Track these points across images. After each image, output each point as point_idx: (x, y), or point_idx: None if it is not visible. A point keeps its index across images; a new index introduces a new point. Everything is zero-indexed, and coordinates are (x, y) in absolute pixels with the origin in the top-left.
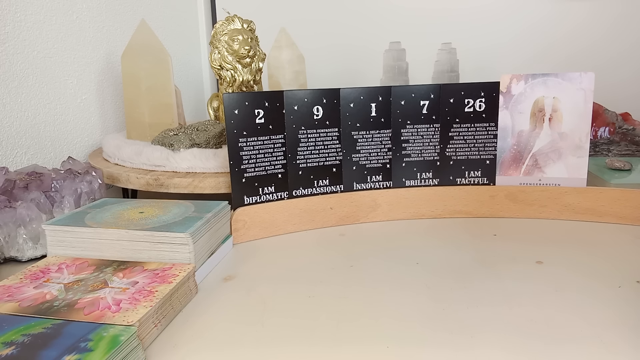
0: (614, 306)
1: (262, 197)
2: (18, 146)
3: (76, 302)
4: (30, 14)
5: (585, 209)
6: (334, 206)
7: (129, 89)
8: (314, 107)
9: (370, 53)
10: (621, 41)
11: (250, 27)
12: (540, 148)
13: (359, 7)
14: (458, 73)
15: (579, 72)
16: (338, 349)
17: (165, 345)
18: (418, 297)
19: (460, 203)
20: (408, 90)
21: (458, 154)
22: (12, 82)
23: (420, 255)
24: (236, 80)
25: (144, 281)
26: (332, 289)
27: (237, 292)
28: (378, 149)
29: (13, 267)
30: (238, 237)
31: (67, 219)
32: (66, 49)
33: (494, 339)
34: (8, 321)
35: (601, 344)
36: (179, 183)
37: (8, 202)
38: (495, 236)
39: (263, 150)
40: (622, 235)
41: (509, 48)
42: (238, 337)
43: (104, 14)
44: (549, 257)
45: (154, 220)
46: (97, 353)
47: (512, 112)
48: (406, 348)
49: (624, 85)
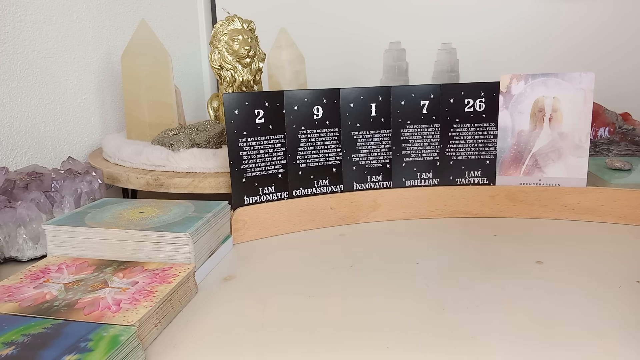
0: (614, 306)
1: (262, 197)
2: (18, 146)
3: (76, 302)
4: (30, 14)
5: (585, 209)
6: (334, 206)
7: (129, 89)
8: (314, 107)
9: (370, 52)
10: (618, 35)
11: (250, 27)
12: (540, 148)
13: (359, 7)
14: (458, 73)
15: (578, 72)
16: (338, 349)
17: (165, 345)
18: (418, 297)
19: (460, 203)
20: (408, 90)
21: (458, 154)
22: (12, 82)
23: (420, 255)
24: (236, 80)
25: (144, 281)
26: (332, 289)
27: (237, 292)
28: (378, 149)
29: (13, 267)
30: (238, 237)
31: (67, 219)
32: (66, 49)
33: (494, 339)
34: (8, 321)
35: (601, 344)
36: (179, 183)
37: (8, 202)
38: (495, 236)
39: (263, 150)
40: (622, 235)
41: (506, 42)
42: (238, 337)
43: (104, 14)
44: (549, 257)
45: (154, 220)
46: (97, 353)
47: (512, 112)
48: (406, 348)
49: (623, 82)
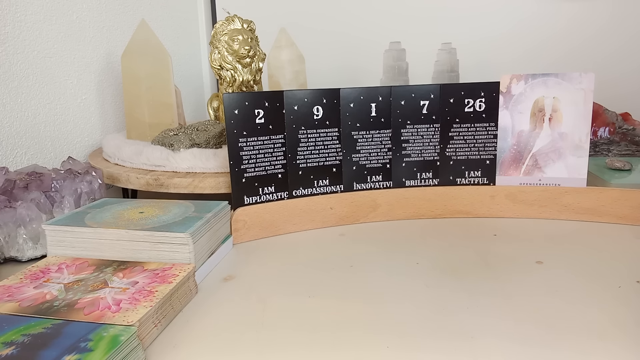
0: (614, 306)
1: (262, 197)
2: (18, 146)
3: (76, 302)
4: (30, 14)
5: (585, 209)
6: (334, 206)
7: (129, 89)
8: (314, 107)
9: (370, 52)
10: (618, 36)
11: (250, 27)
12: (540, 148)
13: (360, 6)
14: (458, 73)
15: (578, 72)
16: (338, 349)
17: (165, 345)
18: (418, 297)
19: (460, 203)
20: (408, 90)
21: (458, 154)
22: (12, 82)
23: (420, 255)
24: (236, 80)
25: (144, 281)
26: (332, 289)
27: (237, 292)
28: (378, 149)
29: (13, 267)
30: (238, 237)
31: (67, 219)
32: (66, 49)
33: (494, 339)
34: (8, 321)
35: (601, 344)
36: (179, 183)
37: (8, 202)
38: (495, 236)
39: (263, 150)
40: (622, 235)
41: (507, 43)
42: (238, 337)
43: (104, 14)
44: (549, 257)
45: (154, 220)
46: (97, 353)
47: (512, 112)
48: (406, 348)
49: (623, 82)
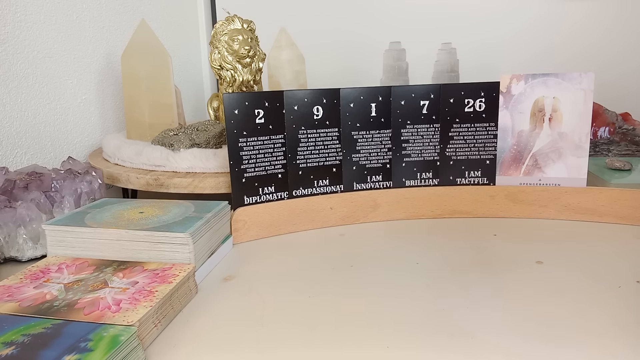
0: (613, 306)
1: (262, 197)
2: (18, 146)
3: (76, 302)
4: (30, 14)
5: (585, 209)
6: (334, 206)
7: (129, 89)
8: (314, 107)
9: (370, 52)
10: (619, 38)
11: (250, 27)
12: (540, 148)
13: (360, 6)
14: (458, 73)
15: (578, 72)
16: (338, 349)
17: (165, 345)
18: (418, 297)
19: (460, 203)
20: (408, 90)
21: (458, 154)
22: (12, 82)
23: (420, 255)
24: (236, 80)
25: (144, 281)
26: (332, 289)
27: (237, 292)
28: (378, 149)
29: (13, 267)
30: (238, 237)
31: (67, 219)
32: (66, 49)
33: (494, 340)
34: (8, 321)
35: (601, 344)
36: (179, 183)
37: (8, 202)
38: (495, 236)
39: (263, 150)
40: (622, 235)
41: (510, 46)
42: (238, 337)
43: (104, 14)
44: (549, 257)
45: (154, 220)
46: (97, 353)
47: (512, 112)
48: (406, 348)
49: (624, 84)
